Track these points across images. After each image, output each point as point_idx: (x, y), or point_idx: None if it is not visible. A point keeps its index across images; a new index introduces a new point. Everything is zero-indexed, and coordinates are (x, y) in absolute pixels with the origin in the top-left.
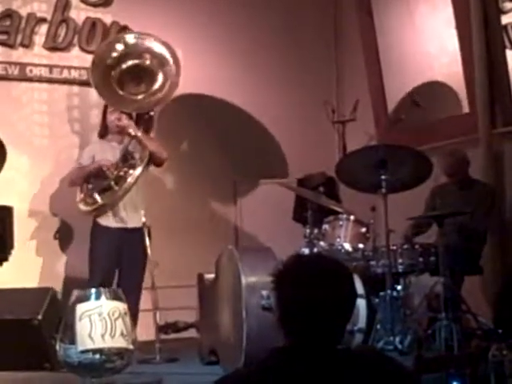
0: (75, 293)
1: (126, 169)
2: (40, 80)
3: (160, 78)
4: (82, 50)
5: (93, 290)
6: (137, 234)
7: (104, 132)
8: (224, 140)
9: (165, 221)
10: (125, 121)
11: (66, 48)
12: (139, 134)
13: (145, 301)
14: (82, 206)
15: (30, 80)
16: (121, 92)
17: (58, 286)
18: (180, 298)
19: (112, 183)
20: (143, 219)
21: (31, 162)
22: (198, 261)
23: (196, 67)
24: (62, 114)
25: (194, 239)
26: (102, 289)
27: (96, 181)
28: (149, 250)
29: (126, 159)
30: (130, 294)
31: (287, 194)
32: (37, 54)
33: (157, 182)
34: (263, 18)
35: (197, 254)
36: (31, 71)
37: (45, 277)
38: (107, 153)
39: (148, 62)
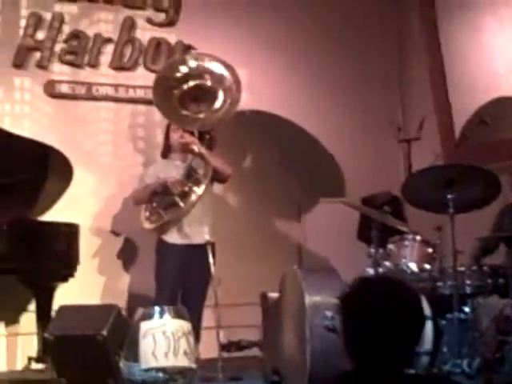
0: (139, 311)
1: (190, 184)
2: (106, 99)
3: (220, 96)
4: (147, 69)
5: (157, 309)
6: (201, 250)
7: (167, 151)
8: (288, 158)
9: (228, 239)
10: (188, 138)
11: (131, 67)
12: (203, 150)
13: (208, 318)
14: (147, 224)
15: (97, 99)
16: (183, 111)
17: (122, 304)
18: (243, 316)
19: (177, 199)
20: (207, 236)
21: (97, 180)
22: (262, 279)
23: (260, 85)
24: (126, 133)
25: (258, 258)
26: (165, 307)
27: (161, 197)
28: (212, 267)
29: (190, 175)
30: (192, 311)
31: (352, 214)
32: (103, 74)
33: (220, 201)
34: (326, 38)
35: (260, 273)
36: (97, 90)
37: (108, 294)
38: (171, 171)
39: (209, 83)
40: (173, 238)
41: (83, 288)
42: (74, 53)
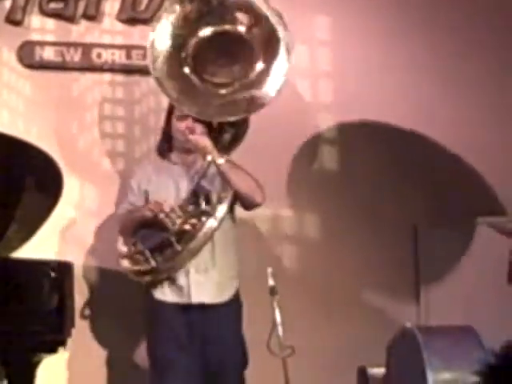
0: None
1: (194, 220)
2: (113, 69)
3: (260, 58)
4: None
5: None
6: (216, 313)
7: (166, 147)
8: (393, 160)
9: (301, 285)
10: (202, 138)
11: (151, 19)
12: (222, 160)
13: None
14: (128, 263)
15: (98, 69)
16: (196, 81)
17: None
18: None
19: (172, 239)
20: (223, 294)
21: (98, 194)
22: (358, 347)
23: (353, 42)
24: (146, 121)
25: (350, 314)
26: None
27: (148, 231)
28: (280, 330)
29: (197, 201)
30: None
31: (495, 245)
32: (108, 30)
33: (288, 226)
34: None
35: (355, 337)
36: (99, 56)
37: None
38: (168, 182)
39: (242, 30)
40: (162, 292)
41: (79, 360)
42: None
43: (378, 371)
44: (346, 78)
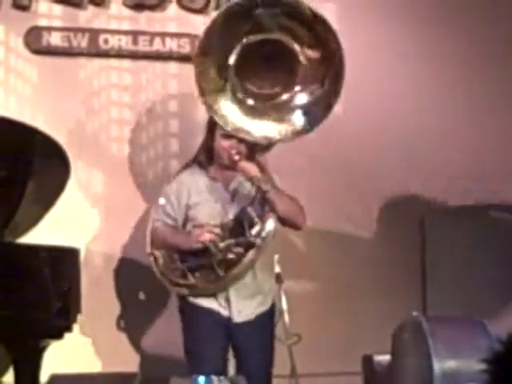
0: (173, 382)
1: (239, 249)
2: (120, 55)
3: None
4: (182, 6)
5: (201, 379)
6: (253, 324)
7: (207, 158)
8: (402, 149)
9: (307, 272)
10: (251, 167)
11: (158, 5)
12: (268, 186)
13: None
14: (160, 274)
15: (105, 55)
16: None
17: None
18: None
19: (215, 264)
20: (261, 307)
21: (106, 181)
22: (364, 335)
23: (359, 36)
24: (152, 107)
25: (356, 302)
26: (214, 378)
27: (190, 253)
28: (286, 317)
29: (241, 226)
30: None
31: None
32: (115, 16)
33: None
34: None
35: (361, 326)
36: (106, 42)
37: (116, 355)
38: (211, 203)
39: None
40: (203, 300)
41: (78, 347)
42: None
43: (384, 359)
44: (353, 66)
